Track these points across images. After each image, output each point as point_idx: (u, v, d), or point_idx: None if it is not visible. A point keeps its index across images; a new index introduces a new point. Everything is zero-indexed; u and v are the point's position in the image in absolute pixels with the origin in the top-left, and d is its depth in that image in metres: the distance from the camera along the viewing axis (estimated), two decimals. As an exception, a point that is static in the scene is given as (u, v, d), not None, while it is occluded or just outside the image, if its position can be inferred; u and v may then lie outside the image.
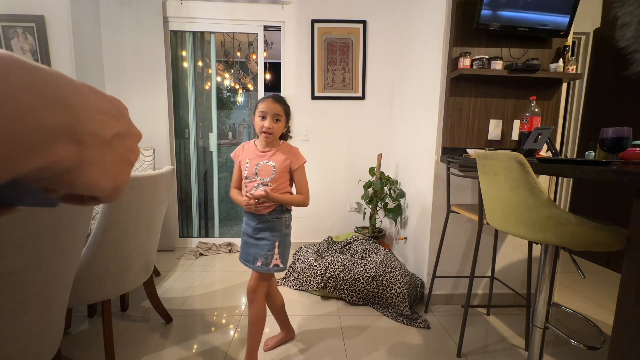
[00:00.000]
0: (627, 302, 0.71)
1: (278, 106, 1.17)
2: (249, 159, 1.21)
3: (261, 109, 1.15)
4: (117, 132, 0.21)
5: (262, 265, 1.21)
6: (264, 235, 1.22)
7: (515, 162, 0.92)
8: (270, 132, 1.16)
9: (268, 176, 1.19)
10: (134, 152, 0.24)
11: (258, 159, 1.20)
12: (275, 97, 1.19)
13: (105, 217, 1.12)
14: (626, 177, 0.67)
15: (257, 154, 1.21)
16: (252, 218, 1.23)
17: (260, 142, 1.22)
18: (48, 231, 0.69)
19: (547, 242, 0.91)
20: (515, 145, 1.75)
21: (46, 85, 0.16)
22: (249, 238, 1.24)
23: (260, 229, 1.22)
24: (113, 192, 0.22)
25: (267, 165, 1.19)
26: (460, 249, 1.82)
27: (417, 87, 2.09)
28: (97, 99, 0.20)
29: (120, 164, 0.22)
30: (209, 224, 3.03)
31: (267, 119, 1.15)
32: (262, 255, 1.21)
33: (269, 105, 1.15)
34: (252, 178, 1.20)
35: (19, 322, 0.67)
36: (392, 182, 2.42)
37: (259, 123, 1.16)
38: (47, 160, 0.16)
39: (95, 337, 1.48)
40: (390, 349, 1.44)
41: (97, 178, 0.20)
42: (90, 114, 0.19)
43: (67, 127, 0.17)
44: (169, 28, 2.57)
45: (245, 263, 1.26)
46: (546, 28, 1.58)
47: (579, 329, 1.63)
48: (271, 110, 1.15)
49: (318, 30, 2.55)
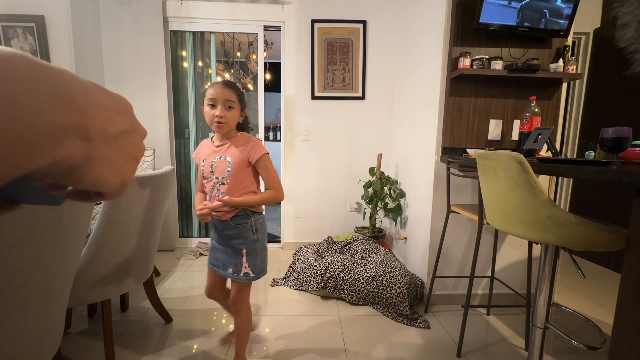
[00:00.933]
0: (627, 302, 0.71)
1: (229, 91, 1.02)
2: (205, 157, 1.09)
3: (210, 95, 1.00)
4: (123, 129, 0.22)
5: (233, 272, 1.11)
6: (230, 242, 1.11)
7: (515, 162, 0.92)
8: (222, 121, 1.01)
9: (222, 174, 1.06)
10: (139, 148, 0.24)
11: (213, 155, 1.07)
12: (225, 82, 1.04)
13: (105, 217, 1.12)
14: (626, 177, 0.67)
15: (213, 150, 1.08)
16: (217, 222, 1.11)
17: (216, 137, 1.10)
18: (48, 231, 0.69)
19: (547, 242, 0.91)
20: (515, 145, 1.75)
21: (55, 83, 0.16)
22: (216, 243, 1.14)
23: (226, 236, 1.10)
24: (119, 188, 0.23)
25: (223, 161, 1.06)
26: (460, 249, 1.82)
27: (417, 87, 2.09)
28: (103, 96, 0.21)
29: (127, 160, 0.23)
30: (208, 224, 3.03)
31: (217, 106, 1.01)
32: (231, 263, 1.11)
33: (218, 91, 1.00)
34: (208, 177, 1.08)
35: (19, 322, 0.67)
36: (392, 182, 2.42)
37: (209, 113, 1.02)
38: (57, 156, 0.17)
39: (95, 337, 1.48)
40: (390, 349, 1.44)
41: (104, 174, 0.20)
42: (97, 110, 0.19)
43: (75, 124, 0.17)
44: (169, 28, 2.57)
45: (214, 268, 1.15)
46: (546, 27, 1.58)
47: (579, 329, 1.63)
48: (221, 96, 1.00)
49: (318, 30, 2.55)
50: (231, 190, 1.06)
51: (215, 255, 1.16)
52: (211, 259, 1.17)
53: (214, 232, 1.15)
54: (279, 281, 2.10)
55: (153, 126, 2.56)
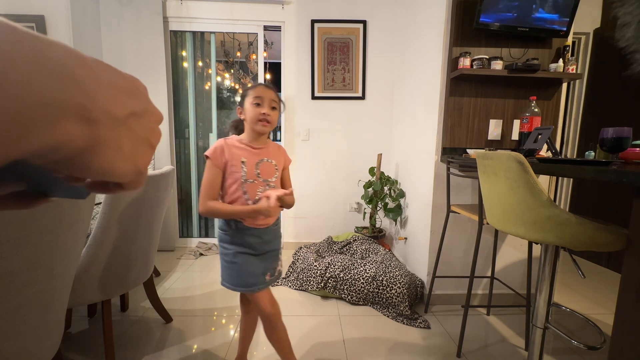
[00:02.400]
0: (627, 302, 0.71)
1: (273, 92, 1.01)
2: (245, 158, 1.00)
3: (256, 94, 0.98)
4: (133, 111, 0.20)
5: (270, 277, 1.08)
6: (272, 246, 1.08)
7: (515, 162, 0.92)
8: (269, 119, 0.98)
9: (272, 176, 1.04)
10: (154, 133, 0.22)
11: (256, 157, 1.02)
12: (267, 84, 1.03)
13: (105, 217, 1.12)
14: (626, 177, 0.67)
15: (252, 152, 1.02)
16: (255, 233, 1.04)
17: (251, 137, 1.03)
18: (48, 231, 0.69)
19: (547, 242, 0.91)
20: (515, 145, 1.75)
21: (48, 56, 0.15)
22: (251, 257, 1.04)
23: (267, 242, 1.07)
24: (135, 176, 0.21)
25: (269, 164, 1.04)
26: (460, 249, 1.82)
27: (417, 87, 2.09)
28: (109, 74, 0.19)
29: (139, 146, 0.21)
30: (209, 224, 3.03)
31: (263, 105, 0.98)
32: (270, 268, 1.08)
33: (264, 91, 0.99)
34: (253, 180, 1.00)
35: (19, 322, 0.67)
36: (392, 182, 2.42)
37: (254, 110, 0.97)
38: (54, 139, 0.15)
39: (95, 337, 1.48)
40: (390, 349, 1.44)
41: (113, 161, 0.19)
42: (101, 90, 0.17)
43: (74, 104, 0.16)
44: (169, 28, 2.57)
45: (248, 289, 1.03)
46: (546, 27, 1.58)
47: (579, 329, 1.63)
48: (268, 96, 0.99)
49: (318, 30, 2.55)
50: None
51: (249, 270, 1.03)
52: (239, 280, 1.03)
53: (242, 248, 1.03)
54: (279, 281, 2.10)
55: (153, 126, 2.56)
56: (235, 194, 1.00)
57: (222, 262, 1.08)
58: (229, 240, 1.04)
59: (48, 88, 0.14)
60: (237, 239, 1.03)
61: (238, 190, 1.00)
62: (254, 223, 1.02)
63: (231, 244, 1.04)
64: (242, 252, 1.03)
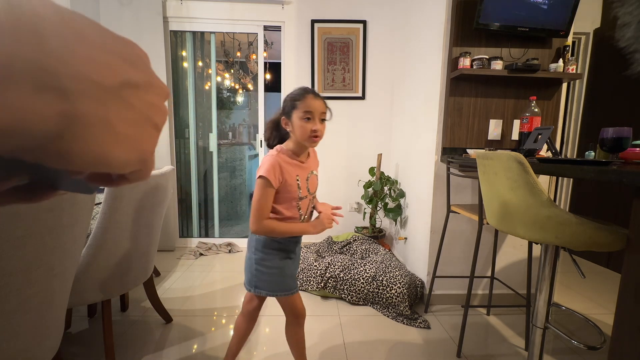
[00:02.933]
0: (627, 302, 0.71)
1: (322, 103, 0.94)
2: (299, 175, 0.97)
3: (307, 108, 0.91)
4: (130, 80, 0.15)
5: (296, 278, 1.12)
6: (299, 250, 1.11)
7: (515, 162, 0.92)
8: (319, 135, 0.93)
9: (316, 188, 1.05)
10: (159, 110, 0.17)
11: (305, 172, 1.00)
12: (315, 92, 0.95)
13: (105, 217, 1.12)
14: (626, 177, 0.67)
15: (302, 167, 1.00)
16: (295, 242, 1.05)
17: (298, 150, 0.99)
18: (48, 231, 0.69)
19: (547, 242, 0.91)
20: (515, 145, 1.75)
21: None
22: (290, 261, 1.05)
23: (299, 243, 1.09)
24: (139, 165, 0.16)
25: (314, 177, 1.05)
26: (460, 249, 1.82)
27: (417, 87, 2.09)
28: (98, 33, 0.14)
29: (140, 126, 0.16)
30: (209, 224, 3.03)
31: (314, 120, 0.92)
32: (297, 269, 1.12)
33: (314, 104, 0.91)
34: (306, 196, 1.00)
35: (19, 322, 0.67)
36: (392, 182, 2.42)
37: (304, 126, 0.91)
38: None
39: (95, 337, 1.48)
40: (390, 349, 1.44)
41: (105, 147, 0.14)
42: (82, 51, 0.13)
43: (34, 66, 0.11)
44: (169, 28, 2.57)
45: (287, 293, 1.04)
46: (546, 27, 1.58)
47: (579, 329, 1.63)
48: (318, 109, 0.92)
49: (318, 30, 2.55)
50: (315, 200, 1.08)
51: (292, 273, 1.06)
52: (287, 284, 1.04)
53: (282, 254, 1.02)
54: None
55: (153, 126, 2.56)
56: (290, 211, 0.98)
57: (259, 269, 1.01)
58: (276, 246, 1.01)
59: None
60: (283, 246, 1.02)
61: (293, 208, 0.98)
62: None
63: (277, 250, 1.01)
64: (285, 257, 1.03)
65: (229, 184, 3.31)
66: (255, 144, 2.90)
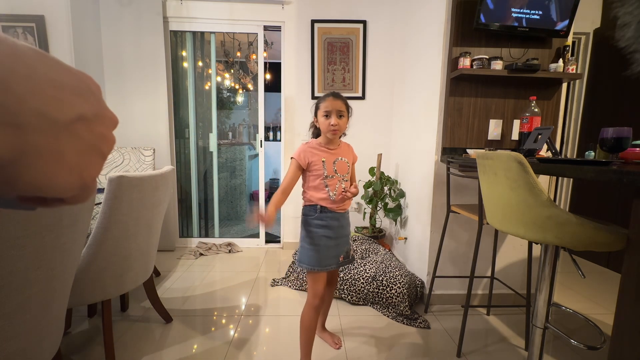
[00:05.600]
0: (627, 302, 0.71)
1: (340, 102, 1.19)
2: (325, 158, 1.21)
3: (325, 107, 1.18)
4: (81, 114, 0.17)
5: (344, 259, 1.27)
6: (345, 231, 1.28)
7: (515, 162, 0.92)
8: (337, 128, 1.18)
9: (345, 172, 1.24)
10: (106, 140, 0.19)
11: (333, 157, 1.22)
12: (335, 94, 1.21)
13: (105, 217, 1.12)
14: (626, 177, 0.67)
15: (329, 152, 1.23)
16: (334, 219, 1.22)
17: (326, 140, 1.23)
18: (48, 231, 0.69)
19: (547, 242, 0.91)
20: (515, 145, 1.75)
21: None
22: (329, 240, 1.21)
23: (342, 226, 1.26)
24: (80, 191, 0.18)
25: (343, 162, 1.24)
26: (460, 249, 1.82)
27: (417, 87, 2.09)
28: (53, 69, 0.15)
29: (86, 155, 0.17)
30: (209, 224, 3.03)
31: (331, 116, 1.17)
32: (343, 252, 1.27)
33: (331, 103, 1.18)
34: (332, 175, 1.21)
35: (19, 322, 0.67)
36: (392, 182, 2.42)
37: (325, 122, 1.18)
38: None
39: (95, 337, 1.48)
40: (390, 349, 1.44)
41: (51, 174, 0.15)
42: (36, 86, 0.14)
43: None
44: (169, 28, 2.57)
45: (329, 268, 1.22)
46: (546, 27, 1.58)
47: (579, 329, 1.63)
48: (335, 107, 1.18)
49: (318, 30, 2.55)
50: (348, 185, 1.25)
51: (326, 254, 1.21)
52: (326, 260, 1.21)
53: (325, 230, 1.20)
54: (279, 281, 2.10)
55: (153, 126, 2.56)
56: (318, 187, 1.21)
57: (303, 244, 1.24)
58: (315, 224, 1.21)
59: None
60: (321, 222, 1.21)
61: (321, 184, 1.20)
62: (335, 207, 1.21)
63: (316, 228, 1.21)
64: (325, 235, 1.21)
65: (229, 184, 3.31)
66: (255, 144, 2.90)
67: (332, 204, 1.21)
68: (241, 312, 1.73)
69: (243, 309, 1.77)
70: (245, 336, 1.51)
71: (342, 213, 1.26)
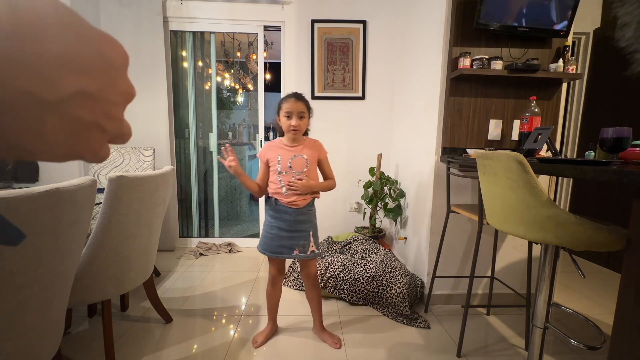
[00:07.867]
0: (627, 302, 0.71)
1: (301, 104, 1.26)
2: (280, 155, 1.29)
3: (286, 109, 1.24)
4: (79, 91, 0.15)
5: (300, 253, 1.34)
6: (300, 227, 1.34)
7: (515, 162, 0.92)
8: (297, 129, 1.25)
9: (302, 168, 1.30)
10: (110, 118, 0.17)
11: (290, 154, 1.30)
12: (297, 95, 1.27)
13: (105, 217, 1.12)
14: (626, 177, 0.67)
15: (287, 149, 1.30)
16: (286, 213, 1.31)
17: (288, 139, 1.32)
18: (48, 231, 0.69)
19: (547, 242, 0.91)
20: (515, 145, 1.75)
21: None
22: (281, 231, 1.32)
23: (297, 222, 1.33)
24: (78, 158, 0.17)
25: (301, 159, 1.30)
26: (460, 249, 1.82)
27: (417, 87, 2.09)
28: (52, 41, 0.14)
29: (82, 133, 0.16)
30: (209, 224, 3.03)
31: (292, 117, 1.24)
32: (299, 245, 1.34)
33: (293, 105, 1.24)
34: (286, 172, 1.29)
35: (19, 322, 0.67)
36: (392, 182, 2.42)
37: (286, 122, 1.25)
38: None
39: (95, 337, 1.48)
40: (390, 349, 1.44)
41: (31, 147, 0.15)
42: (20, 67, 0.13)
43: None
44: (169, 28, 2.57)
45: (278, 255, 1.34)
46: (546, 27, 1.58)
47: (579, 329, 1.63)
48: (296, 109, 1.24)
49: (318, 30, 2.55)
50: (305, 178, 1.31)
51: (278, 243, 1.33)
52: (273, 248, 1.34)
53: (280, 223, 1.32)
54: (279, 281, 2.10)
55: (153, 126, 2.56)
56: (274, 182, 1.32)
57: (262, 231, 1.39)
58: (269, 214, 1.35)
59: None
60: (274, 213, 1.33)
61: (276, 179, 1.31)
62: (287, 201, 1.30)
63: (270, 217, 1.35)
64: (276, 225, 1.33)
65: (229, 184, 3.31)
66: (255, 144, 2.90)
67: (284, 198, 1.30)
68: (241, 312, 1.74)
69: (243, 309, 1.77)
70: (245, 336, 1.51)
71: (296, 209, 1.32)
